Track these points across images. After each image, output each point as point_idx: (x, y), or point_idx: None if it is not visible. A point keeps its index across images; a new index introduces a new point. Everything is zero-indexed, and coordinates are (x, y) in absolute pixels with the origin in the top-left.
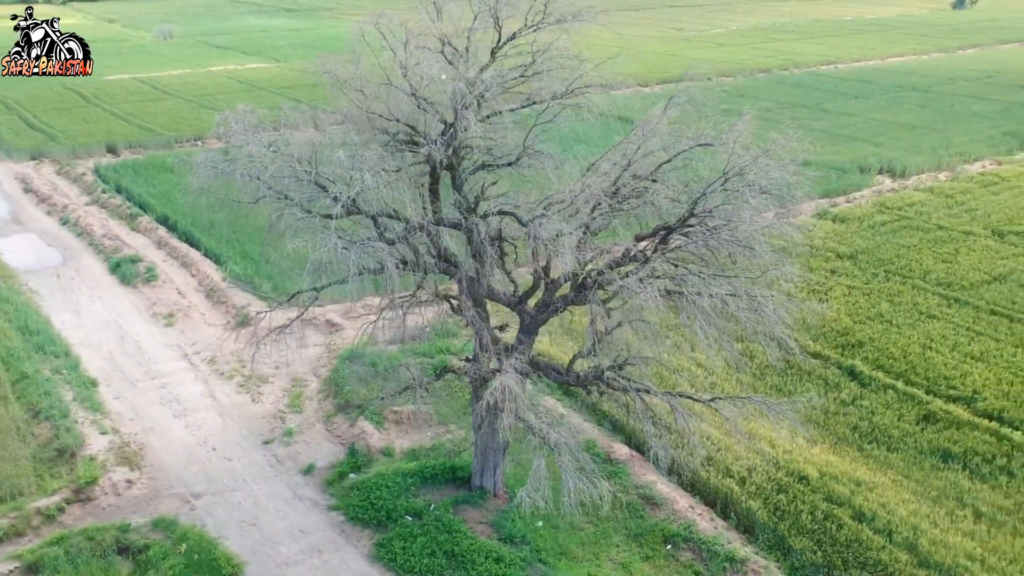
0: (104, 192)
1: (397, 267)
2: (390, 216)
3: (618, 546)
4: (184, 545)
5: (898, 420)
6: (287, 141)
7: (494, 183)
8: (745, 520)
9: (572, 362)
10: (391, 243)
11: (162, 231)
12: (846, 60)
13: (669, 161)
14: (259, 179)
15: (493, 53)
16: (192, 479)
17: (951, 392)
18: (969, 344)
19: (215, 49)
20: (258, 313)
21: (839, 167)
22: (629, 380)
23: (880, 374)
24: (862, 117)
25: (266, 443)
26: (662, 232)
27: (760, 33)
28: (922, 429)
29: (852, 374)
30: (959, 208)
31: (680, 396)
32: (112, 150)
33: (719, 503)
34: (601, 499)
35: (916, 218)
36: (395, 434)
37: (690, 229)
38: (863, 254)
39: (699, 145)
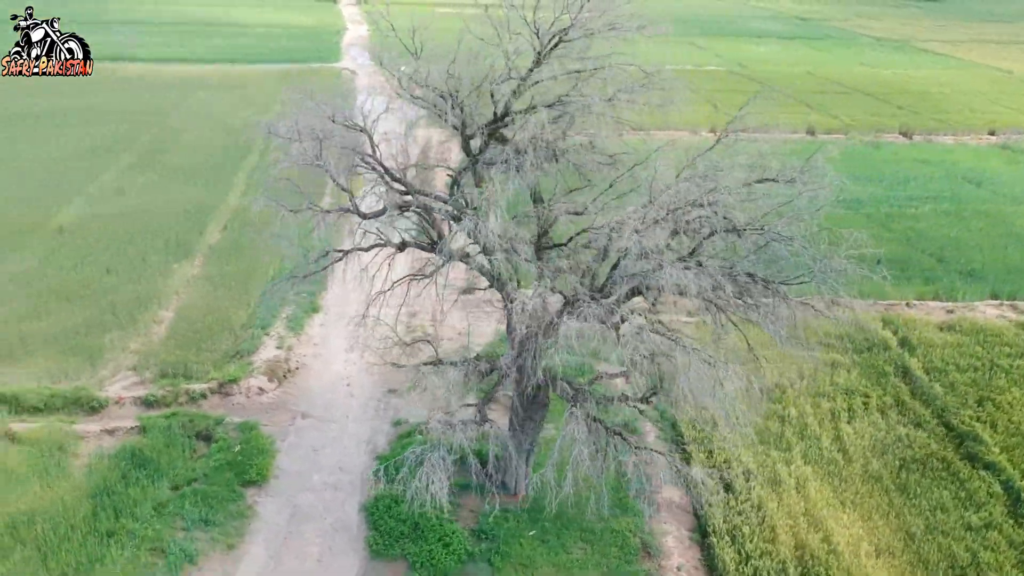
0: None
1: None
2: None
3: None
4: (240, 447)
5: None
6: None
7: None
8: None
9: (591, 381)
10: (364, 217)
11: None
12: None
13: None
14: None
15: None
16: (312, 402)
17: None
18: None
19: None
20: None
21: None
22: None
23: None
24: None
25: (389, 391)
26: None
27: None
28: None
29: (1018, 499)
30: None
31: (616, 434)
32: None
33: (718, 572)
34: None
35: None
36: (491, 414)
37: None
38: None
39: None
